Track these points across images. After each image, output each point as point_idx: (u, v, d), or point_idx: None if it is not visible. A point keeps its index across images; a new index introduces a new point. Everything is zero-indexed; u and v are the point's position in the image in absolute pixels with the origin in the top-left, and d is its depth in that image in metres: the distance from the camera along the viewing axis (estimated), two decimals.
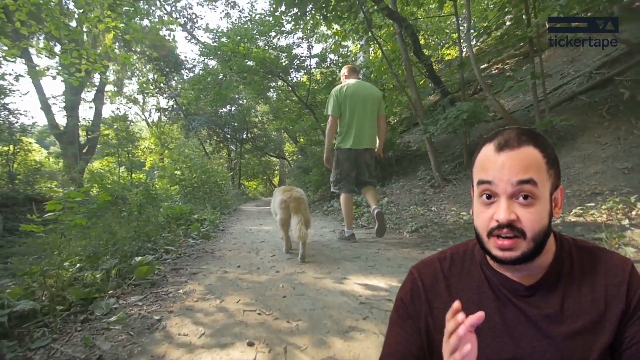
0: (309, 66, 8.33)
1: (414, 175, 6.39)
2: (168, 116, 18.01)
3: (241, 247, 3.58)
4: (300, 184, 11.44)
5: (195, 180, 7.99)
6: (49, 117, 15.57)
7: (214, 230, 4.85)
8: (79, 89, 16.65)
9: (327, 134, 3.47)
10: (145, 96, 18.07)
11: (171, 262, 2.89)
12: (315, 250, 3.19)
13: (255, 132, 18.30)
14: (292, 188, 3.10)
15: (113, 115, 18.25)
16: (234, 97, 16.49)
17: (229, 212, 8.06)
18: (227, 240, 4.03)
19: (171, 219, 4.60)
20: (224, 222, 6.17)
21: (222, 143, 18.26)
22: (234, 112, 16.63)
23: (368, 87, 3.50)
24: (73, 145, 16.14)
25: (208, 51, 7.93)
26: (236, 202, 11.78)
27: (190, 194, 7.76)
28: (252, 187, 23.40)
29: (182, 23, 14.31)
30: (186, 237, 4.04)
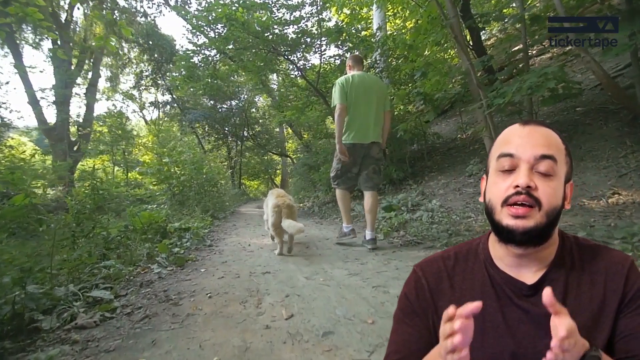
0: (320, 44, 6.80)
1: (456, 170, 4.91)
2: (162, 109, 16.48)
3: (231, 286, 2.06)
4: (307, 183, 9.97)
5: (185, 178, 6.48)
6: (36, 111, 14.15)
7: (197, 246, 3.34)
8: (69, 83, 15.22)
9: (336, 124, 3.02)
10: (141, 91, 16.57)
11: (81, 341, 1.38)
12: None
13: (257, 128, 16.78)
14: (284, 194, 3.10)
15: (108, 112, 16.79)
16: (234, 91, 15.01)
17: (224, 217, 6.55)
18: (210, 269, 2.52)
19: (135, 232, 3.10)
20: (216, 230, 4.65)
21: (222, 140, 16.71)
22: (234, 107, 15.13)
23: (374, 79, 3.21)
24: (62, 141, 14.69)
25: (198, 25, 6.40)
26: (235, 203, 10.27)
27: (180, 194, 6.25)
28: (253, 187, 21.81)
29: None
30: (148, 263, 2.53)
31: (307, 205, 7.76)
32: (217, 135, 16.40)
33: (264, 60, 6.32)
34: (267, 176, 21.29)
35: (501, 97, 3.43)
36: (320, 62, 7.12)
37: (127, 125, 18.28)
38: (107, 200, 3.37)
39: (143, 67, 16.26)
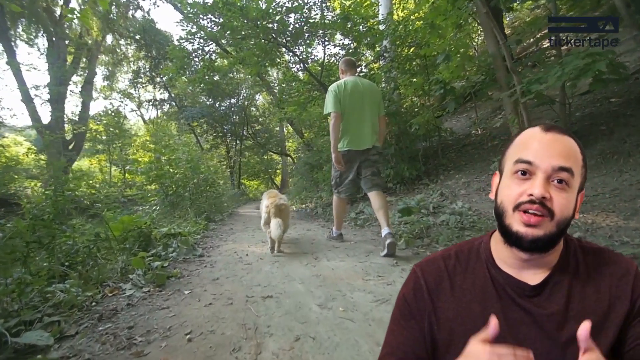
0: (323, 34, 6.25)
1: (476, 169, 4.41)
2: (160, 108, 15.91)
3: (220, 320, 1.52)
4: (309, 183, 9.42)
5: (180, 177, 5.94)
6: (30, 109, 13.59)
7: (185, 257, 2.79)
8: (64, 80, 14.66)
9: (331, 134, 2.88)
10: (138, 88, 16.00)
11: None
12: None
13: (256, 127, 16.22)
14: (277, 194, 3.11)
15: (105, 110, 16.21)
16: (233, 89, 14.46)
17: (221, 219, 6.01)
18: (197, 289, 1.98)
19: (109, 241, 2.55)
20: (211, 236, 4.11)
21: (220, 139, 16.14)
22: (233, 105, 14.58)
23: (367, 84, 3.02)
24: (57, 140, 14.12)
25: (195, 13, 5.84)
26: (234, 204, 9.73)
27: (173, 195, 5.71)
28: (253, 187, 21.22)
29: None
30: (119, 282, 1.99)
31: (310, 206, 7.21)
32: (215, 134, 15.85)
33: (263, 49, 5.75)
34: (267, 176, 20.72)
35: (537, 84, 2.92)
36: (324, 53, 6.57)
37: (125, 124, 17.72)
38: (76, 203, 2.83)
39: (140, 64, 15.70)
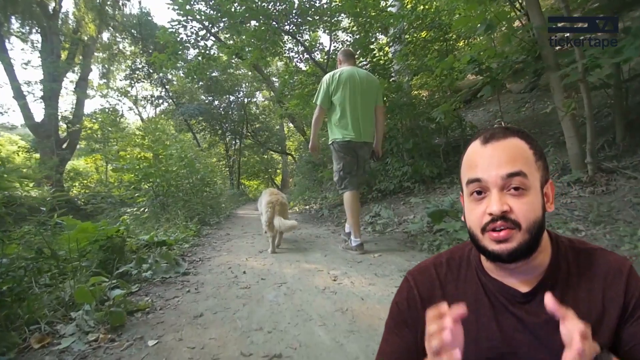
0: (329, 19, 5.61)
1: None
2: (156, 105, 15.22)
3: None
4: (312, 182, 8.78)
5: (171, 176, 5.28)
6: (22, 106, 12.90)
7: (164, 276, 2.13)
8: (58, 76, 13.95)
9: (312, 125, 2.84)
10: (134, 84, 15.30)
11: None
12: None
13: (256, 125, 15.54)
14: (277, 192, 3.11)
15: (102, 108, 15.52)
16: (232, 85, 13.79)
17: (217, 222, 5.35)
18: (167, 337, 1.31)
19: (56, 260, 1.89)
20: (202, 244, 3.45)
21: (219, 137, 15.45)
22: (232, 102, 13.90)
23: (364, 74, 2.82)
24: (50, 138, 13.42)
25: None
26: (232, 205, 9.06)
27: (164, 195, 5.05)
28: (253, 187, 20.53)
29: None
30: (56, 324, 1.34)
31: (315, 207, 6.55)
32: (214, 132, 15.16)
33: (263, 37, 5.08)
34: (267, 176, 20.04)
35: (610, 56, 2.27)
36: (331, 41, 5.92)
37: (122, 123, 16.99)
38: (16, 204, 2.17)
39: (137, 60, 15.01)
